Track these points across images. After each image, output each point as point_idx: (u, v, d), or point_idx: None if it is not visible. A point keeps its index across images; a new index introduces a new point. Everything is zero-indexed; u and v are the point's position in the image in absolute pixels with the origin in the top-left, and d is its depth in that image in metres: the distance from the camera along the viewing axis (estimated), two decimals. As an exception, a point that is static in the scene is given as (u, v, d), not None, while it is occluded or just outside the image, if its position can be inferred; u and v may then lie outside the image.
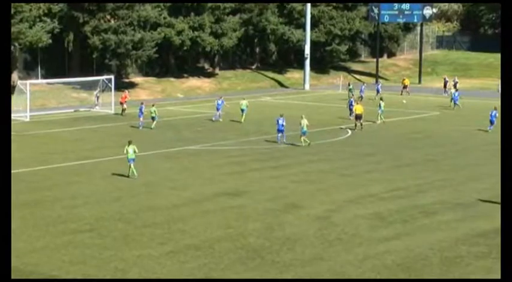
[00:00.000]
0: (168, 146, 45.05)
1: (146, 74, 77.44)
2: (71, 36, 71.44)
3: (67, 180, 35.45)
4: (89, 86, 63.62)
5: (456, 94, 64.97)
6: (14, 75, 66.15)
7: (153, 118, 51.57)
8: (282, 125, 45.48)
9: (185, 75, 79.35)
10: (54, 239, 25.78)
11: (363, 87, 70.06)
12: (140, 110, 52.38)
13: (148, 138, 48.07)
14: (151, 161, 40.62)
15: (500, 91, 67.07)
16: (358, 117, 51.48)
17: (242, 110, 55.10)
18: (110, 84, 61.60)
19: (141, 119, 51.98)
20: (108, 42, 67.40)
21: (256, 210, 30.08)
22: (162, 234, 26.56)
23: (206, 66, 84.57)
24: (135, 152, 36.17)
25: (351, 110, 56.18)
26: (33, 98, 58.10)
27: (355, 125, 51.52)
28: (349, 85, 70.05)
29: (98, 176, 36.55)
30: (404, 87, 74.85)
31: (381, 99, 57.17)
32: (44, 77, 68.26)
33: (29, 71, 69.40)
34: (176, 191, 33.43)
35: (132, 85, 73.20)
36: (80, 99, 65.45)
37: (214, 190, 33.53)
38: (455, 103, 64.07)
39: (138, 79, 75.75)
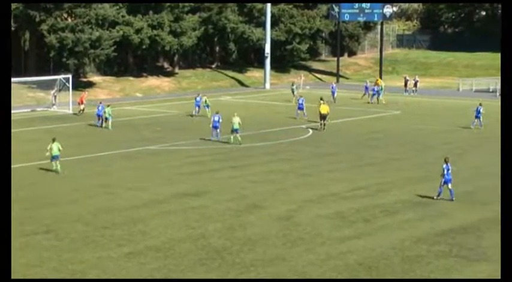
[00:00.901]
0: (126, 146, 44.78)
1: (104, 73, 76.92)
2: (27, 35, 70.69)
3: (23, 182, 35.04)
4: (46, 86, 62.96)
5: (375, 89, 67.29)
6: (-32, 75, 65.40)
7: (106, 119, 51.39)
8: (218, 122, 46.48)
9: (144, 74, 79.00)
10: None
11: (334, 86, 69.47)
12: (98, 108, 52.40)
13: (106, 138, 47.73)
14: (109, 161, 40.34)
15: (499, 91, 67.56)
16: (323, 117, 51.51)
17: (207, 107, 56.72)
18: (67, 84, 61.06)
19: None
20: (66, 40, 66.80)
21: (217, 211, 30.02)
22: (121, 236, 26.38)
23: (165, 65, 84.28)
24: (59, 149, 36.96)
25: (300, 109, 56.25)
26: (-12, 97, 57.32)
27: (320, 125, 51.61)
28: (292, 84, 70.21)
29: (54, 177, 36.19)
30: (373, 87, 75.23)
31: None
32: None
33: (-17, 70, 68.55)
34: (135, 191, 33.23)
35: (90, 84, 72.66)
36: (36, 98, 64.80)
37: (174, 190, 33.40)
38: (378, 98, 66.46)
39: (96, 78, 75.24)
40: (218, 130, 46.70)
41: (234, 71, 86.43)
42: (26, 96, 64.94)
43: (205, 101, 56.99)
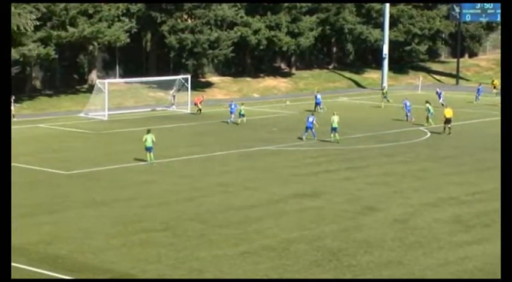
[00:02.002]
0: (245, 145, 45.19)
1: (222, 74, 77.90)
2: (149, 36, 72.45)
3: (142, 179, 35.87)
4: (165, 86, 64.29)
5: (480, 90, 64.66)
6: (93, 75, 67.51)
7: (243, 115, 54.12)
8: (311, 123, 46.67)
9: (261, 75, 79.49)
10: (130, 238, 26.10)
11: (440, 91, 67.57)
12: (230, 106, 55.02)
13: (225, 137, 48.31)
14: (227, 160, 40.81)
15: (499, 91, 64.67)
16: (448, 120, 50.01)
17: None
18: (186, 84, 62.16)
19: (233, 115, 54.49)
20: (185, 41, 68.09)
21: (332, 212, 29.90)
22: (237, 235, 26.62)
23: (283, 66, 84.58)
24: (153, 141, 38.66)
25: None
26: (111, 97, 59.03)
27: (444, 129, 50.22)
28: (383, 88, 68.50)
29: (173, 175, 36.88)
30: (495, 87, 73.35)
31: (428, 102, 55.04)
32: (122, 76, 69.32)
33: (107, 70, 70.62)
34: (252, 191, 33.48)
35: (208, 85, 73.73)
36: (156, 98, 66.22)
37: (291, 191, 33.47)
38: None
39: (214, 79, 76.27)
40: (313, 130, 46.71)
41: (351, 72, 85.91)
42: (147, 96, 66.49)
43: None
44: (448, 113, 50.17)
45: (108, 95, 57.28)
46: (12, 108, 54.78)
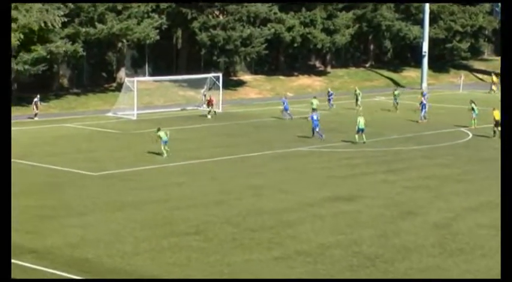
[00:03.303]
0: (278, 146, 45.14)
1: (255, 72, 77.88)
2: (179, 33, 72.61)
3: (172, 181, 35.98)
4: (196, 84, 64.38)
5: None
6: (122, 73, 67.82)
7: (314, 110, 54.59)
8: (317, 120, 47.46)
9: (295, 73, 79.38)
10: (159, 241, 26.17)
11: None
12: (283, 103, 56.59)
13: (257, 138, 48.27)
14: (260, 161, 40.79)
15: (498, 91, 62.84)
16: (498, 123, 48.66)
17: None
18: (217, 82, 62.24)
19: (288, 111, 56.23)
20: (217, 38, 68.14)
21: (370, 216, 29.76)
22: (270, 239, 26.59)
23: (317, 64, 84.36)
24: (166, 134, 41.49)
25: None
26: (140, 95, 59.20)
27: (494, 132, 49.20)
28: (395, 90, 66.47)
29: (203, 177, 36.95)
30: None
31: (473, 101, 54.30)
32: (151, 74, 69.59)
33: (136, 68, 70.93)
34: (286, 194, 33.43)
35: (240, 83, 73.79)
36: (186, 97, 66.38)
37: (326, 194, 33.38)
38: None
39: (247, 77, 76.29)
40: (318, 129, 47.15)
41: (389, 70, 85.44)
42: (177, 95, 66.65)
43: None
44: (497, 114, 48.79)
45: (137, 94, 57.54)
46: (35, 107, 55.29)
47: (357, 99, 61.75)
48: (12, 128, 43.98)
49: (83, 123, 53.89)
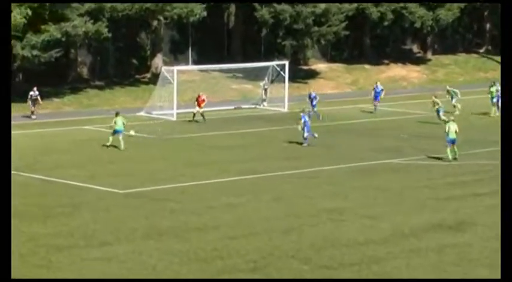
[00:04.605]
0: (361, 158, 45.06)
1: (332, 59, 77.74)
2: (232, 9, 72.82)
3: (224, 201, 36.10)
4: (254, 75, 64.51)
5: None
6: (158, 60, 68.13)
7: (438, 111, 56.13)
8: (308, 121, 47.91)
9: (385, 61, 79.19)
10: (208, 279, 26.27)
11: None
12: (309, 97, 57.40)
13: (333, 146, 48.20)
14: (337, 178, 40.74)
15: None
16: None
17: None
18: (283, 73, 62.26)
19: (314, 109, 56.56)
20: (282, 15, 68.12)
21: (483, 251, 29.54)
22: (352, 279, 26.56)
23: (415, 48, 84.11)
24: (123, 123, 45.35)
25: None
26: (182, 89, 59.45)
27: None
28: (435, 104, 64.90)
29: (265, 196, 37.00)
30: None
31: None
32: (196, 62, 69.94)
33: (176, 54, 71.33)
34: (372, 220, 33.35)
35: (312, 74, 73.76)
36: (242, 92, 66.61)
37: (426, 221, 33.22)
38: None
39: (320, 66, 76.24)
40: (305, 135, 47.63)
41: None
42: (229, 89, 66.75)
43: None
44: None
45: (177, 88, 57.79)
46: (31, 103, 55.17)
47: (452, 98, 60.36)
48: (14, 131, 44.68)
49: (106, 126, 54.27)
